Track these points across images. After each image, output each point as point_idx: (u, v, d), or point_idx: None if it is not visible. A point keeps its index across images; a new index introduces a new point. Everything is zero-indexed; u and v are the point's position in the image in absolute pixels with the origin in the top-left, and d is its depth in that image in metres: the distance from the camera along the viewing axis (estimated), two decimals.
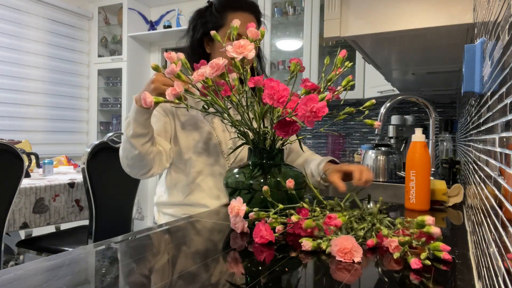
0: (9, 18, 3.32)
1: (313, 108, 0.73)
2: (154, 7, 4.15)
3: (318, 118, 0.75)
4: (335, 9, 1.04)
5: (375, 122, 0.99)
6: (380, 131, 1.71)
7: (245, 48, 0.81)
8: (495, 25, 0.47)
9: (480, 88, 0.64)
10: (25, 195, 1.85)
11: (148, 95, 0.86)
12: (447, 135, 1.99)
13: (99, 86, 4.04)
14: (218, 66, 0.81)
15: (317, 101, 0.74)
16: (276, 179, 0.88)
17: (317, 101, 0.74)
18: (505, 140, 0.37)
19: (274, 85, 0.77)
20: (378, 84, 2.61)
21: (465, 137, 1.26)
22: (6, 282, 0.50)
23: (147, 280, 0.53)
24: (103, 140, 1.99)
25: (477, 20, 0.79)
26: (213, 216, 0.95)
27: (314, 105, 0.73)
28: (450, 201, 1.10)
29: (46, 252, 1.98)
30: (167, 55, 0.87)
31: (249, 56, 0.81)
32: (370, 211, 0.78)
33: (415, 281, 0.53)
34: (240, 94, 0.87)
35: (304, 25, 2.99)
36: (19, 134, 3.36)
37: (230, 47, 0.82)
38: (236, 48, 0.81)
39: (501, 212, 0.37)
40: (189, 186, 1.14)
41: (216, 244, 0.71)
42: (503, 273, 0.34)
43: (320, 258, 0.62)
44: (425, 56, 1.35)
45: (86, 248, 0.67)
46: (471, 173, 0.87)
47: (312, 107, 0.73)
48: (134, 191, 2.23)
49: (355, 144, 3.15)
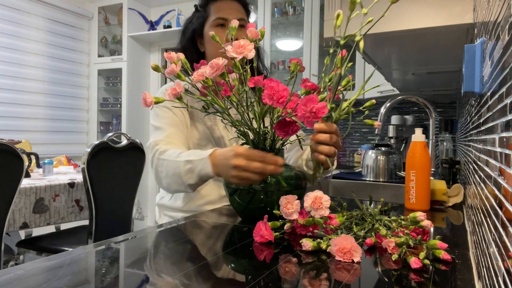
0: (9, 18, 3.32)
1: (312, 109, 0.74)
2: (154, 7, 4.16)
3: (317, 119, 0.75)
4: (335, 9, 1.04)
5: (375, 122, 0.99)
6: (380, 131, 1.71)
7: (245, 48, 0.81)
8: (495, 25, 0.47)
9: (480, 88, 0.64)
10: (25, 195, 1.85)
11: (148, 96, 0.86)
12: (447, 135, 1.99)
13: (99, 86, 4.04)
14: (218, 66, 0.81)
15: (317, 102, 0.74)
16: (276, 179, 0.88)
17: (317, 102, 0.74)
18: (505, 140, 0.37)
19: (273, 85, 0.77)
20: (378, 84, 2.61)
21: (465, 137, 1.26)
22: (6, 282, 0.50)
23: (147, 280, 0.53)
24: (103, 140, 1.99)
25: (477, 20, 0.79)
26: (213, 216, 0.95)
27: (314, 106, 0.73)
28: (450, 201, 1.10)
29: (46, 252, 1.98)
30: (167, 55, 0.87)
31: (249, 56, 0.81)
32: (370, 212, 0.78)
33: (414, 281, 0.53)
34: (240, 94, 0.87)
35: (304, 25, 2.99)
36: (19, 134, 3.36)
37: (230, 47, 0.82)
38: (236, 48, 0.81)
39: (501, 212, 0.37)
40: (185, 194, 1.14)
41: (216, 243, 0.71)
42: (503, 273, 0.34)
43: (320, 257, 0.62)
44: (425, 56, 1.35)
45: (86, 248, 0.67)
46: (471, 173, 0.87)
47: (312, 108, 0.73)
48: (134, 191, 2.23)
49: (355, 144, 3.15)
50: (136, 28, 3.92)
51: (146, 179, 4.08)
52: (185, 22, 1.21)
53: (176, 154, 0.96)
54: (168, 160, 0.96)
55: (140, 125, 4.02)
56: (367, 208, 0.80)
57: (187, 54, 1.17)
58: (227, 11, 1.12)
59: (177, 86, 0.86)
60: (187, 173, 0.91)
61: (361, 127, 3.14)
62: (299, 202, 0.74)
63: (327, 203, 0.71)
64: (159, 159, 0.99)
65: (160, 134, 1.06)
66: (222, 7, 1.13)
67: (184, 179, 0.92)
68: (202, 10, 1.16)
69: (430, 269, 0.57)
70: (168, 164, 0.96)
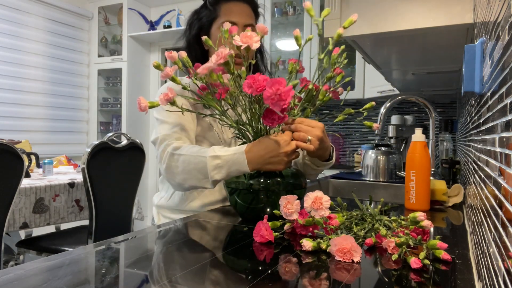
0: (9, 18, 3.32)
1: (278, 91, 0.73)
2: (154, 7, 4.16)
3: (284, 102, 0.74)
4: (335, 9, 1.04)
5: (373, 124, 0.99)
6: (380, 131, 1.71)
7: (251, 39, 0.83)
8: (495, 25, 0.47)
9: (480, 88, 0.64)
10: (25, 195, 1.85)
11: (143, 100, 0.86)
12: (447, 135, 1.99)
13: (99, 86, 4.04)
14: (223, 55, 0.82)
15: (283, 85, 0.74)
16: (276, 179, 0.88)
17: (284, 85, 0.74)
18: (505, 140, 0.37)
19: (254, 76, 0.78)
20: (378, 84, 2.61)
21: (465, 137, 1.26)
22: (6, 282, 0.50)
23: (147, 280, 0.53)
24: (103, 140, 1.99)
25: (477, 20, 0.79)
26: (213, 216, 0.95)
27: (279, 88, 0.73)
28: (450, 201, 1.10)
29: (46, 252, 1.98)
30: (168, 54, 0.87)
31: (253, 46, 0.83)
32: (370, 212, 0.78)
33: (414, 281, 0.53)
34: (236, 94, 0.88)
35: (304, 25, 2.99)
36: (19, 134, 3.36)
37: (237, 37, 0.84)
38: (243, 37, 0.83)
39: (501, 212, 0.37)
40: (185, 194, 1.14)
41: (216, 243, 0.71)
42: (503, 273, 0.34)
43: (320, 257, 0.62)
44: (425, 56, 1.35)
45: (86, 248, 0.67)
46: (471, 173, 0.87)
47: (278, 90, 0.73)
48: (134, 191, 2.23)
49: (355, 144, 3.15)
50: (136, 28, 3.92)
51: (146, 179, 4.08)
52: (192, 15, 1.18)
53: (197, 149, 0.95)
54: (187, 155, 0.94)
55: (140, 125, 4.02)
56: (367, 208, 0.80)
57: (191, 50, 1.16)
58: (237, 15, 1.10)
59: (169, 91, 0.86)
60: (214, 168, 0.90)
61: (361, 127, 3.14)
62: (299, 202, 0.74)
63: (327, 204, 0.71)
64: (174, 154, 0.96)
65: (167, 129, 1.03)
66: (233, 10, 1.11)
67: (211, 174, 0.91)
68: (211, 8, 1.13)
69: (430, 269, 0.57)
70: (186, 159, 0.94)
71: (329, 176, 1.78)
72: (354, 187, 1.65)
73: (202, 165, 0.91)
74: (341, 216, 0.74)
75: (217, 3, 1.13)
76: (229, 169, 0.89)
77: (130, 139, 2.11)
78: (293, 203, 0.73)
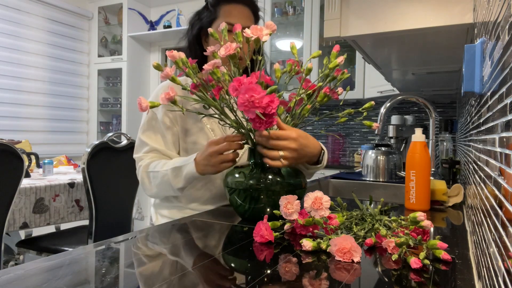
0: (9, 18, 3.32)
1: (251, 98, 0.73)
2: (154, 7, 4.16)
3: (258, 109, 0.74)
4: (335, 9, 1.04)
5: (373, 124, 0.99)
6: (380, 131, 1.71)
7: (261, 32, 0.85)
8: (495, 25, 0.47)
9: (480, 88, 0.64)
10: (25, 195, 1.85)
11: (144, 100, 0.86)
12: (447, 135, 1.99)
13: (99, 86, 4.04)
14: (232, 47, 0.84)
15: (258, 92, 0.74)
16: (276, 179, 0.88)
17: (258, 92, 0.74)
18: (505, 140, 0.37)
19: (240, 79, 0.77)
20: (378, 84, 2.61)
21: (465, 137, 1.26)
22: (6, 282, 0.50)
23: (147, 280, 0.53)
24: (103, 140, 1.99)
25: (477, 20, 0.79)
26: (213, 216, 0.95)
27: (253, 95, 0.73)
28: (450, 201, 1.10)
29: (46, 252, 1.98)
30: (169, 53, 0.87)
31: (263, 38, 0.85)
32: (370, 212, 0.78)
33: (414, 281, 0.53)
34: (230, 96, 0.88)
35: (304, 25, 2.99)
36: (19, 134, 3.36)
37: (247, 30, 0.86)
38: (253, 30, 0.85)
39: (501, 212, 0.38)
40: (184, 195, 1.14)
41: (216, 243, 0.71)
42: (503, 273, 0.34)
43: (320, 257, 0.62)
44: (425, 56, 1.35)
45: (86, 248, 0.67)
46: (471, 173, 0.87)
47: (251, 96, 0.73)
48: (134, 191, 2.23)
49: (355, 144, 3.15)
50: (136, 28, 3.92)
51: None
52: (194, 15, 1.20)
53: (162, 164, 1.06)
54: (154, 171, 1.06)
55: (140, 125, 4.02)
56: (367, 208, 0.80)
57: (192, 50, 1.17)
58: (236, 17, 1.11)
59: (170, 90, 0.86)
60: (174, 178, 1.01)
61: (361, 127, 3.14)
62: (299, 202, 0.74)
63: (327, 204, 0.71)
64: (144, 171, 1.09)
65: (144, 149, 1.14)
66: (232, 12, 1.11)
67: (173, 184, 1.02)
68: (212, 9, 1.14)
69: (430, 269, 0.57)
70: (154, 175, 1.06)
71: (329, 176, 1.78)
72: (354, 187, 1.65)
73: (166, 178, 1.03)
74: (341, 216, 0.74)
75: (218, 4, 1.13)
76: (185, 176, 1.00)
77: (130, 139, 2.11)
78: (293, 203, 0.73)
